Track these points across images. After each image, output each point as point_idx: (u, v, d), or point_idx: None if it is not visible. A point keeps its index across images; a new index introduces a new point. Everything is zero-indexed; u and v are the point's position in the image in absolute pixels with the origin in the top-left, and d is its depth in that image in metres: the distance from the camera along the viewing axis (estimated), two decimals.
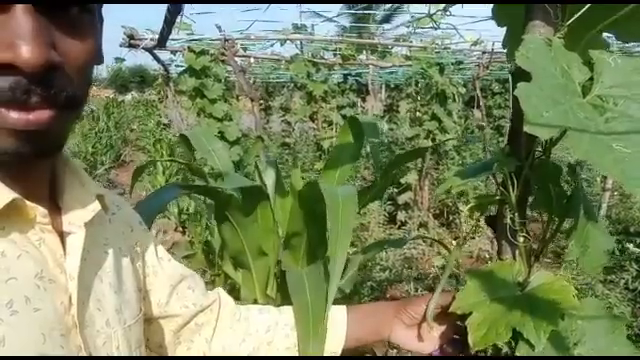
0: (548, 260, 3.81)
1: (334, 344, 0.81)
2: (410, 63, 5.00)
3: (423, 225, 4.62)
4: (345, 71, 6.08)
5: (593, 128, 0.46)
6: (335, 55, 5.17)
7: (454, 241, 4.17)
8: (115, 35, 3.75)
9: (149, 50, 4.01)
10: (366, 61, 5.48)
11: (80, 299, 0.52)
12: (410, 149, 4.80)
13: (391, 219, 4.88)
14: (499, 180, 0.65)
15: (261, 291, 1.38)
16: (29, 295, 0.47)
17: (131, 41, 3.74)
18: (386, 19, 14.80)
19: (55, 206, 0.55)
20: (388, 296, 3.42)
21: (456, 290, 0.66)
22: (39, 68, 0.42)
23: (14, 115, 0.43)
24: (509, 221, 0.62)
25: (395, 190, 4.86)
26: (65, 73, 0.46)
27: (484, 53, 4.82)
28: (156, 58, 4.80)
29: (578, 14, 0.62)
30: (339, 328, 0.82)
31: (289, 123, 7.83)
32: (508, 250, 0.66)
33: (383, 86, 8.94)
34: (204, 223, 3.10)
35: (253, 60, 5.37)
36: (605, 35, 0.72)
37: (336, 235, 0.90)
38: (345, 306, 0.84)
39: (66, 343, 0.49)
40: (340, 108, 5.63)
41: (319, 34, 4.69)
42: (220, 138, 3.37)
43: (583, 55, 0.59)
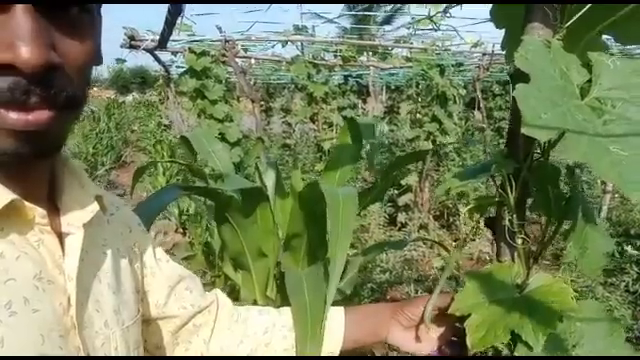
0: (548, 262, 3.81)
1: (332, 346, 0.81)
2: (411, 65, 5.01)
3: (423, 227, 4.62)
4: (346, 72, 6.09)
5: (591, 130, 0.46)
6: (336, 56, 5.17)
7: (454, 243, 4.16)
8: (116, 36, 3.76)
9: (150, 51, 4.01)
10: (367, 62, 5.50)
11: (79, 300, 0.52)
12: (411, 150, 4.81)
13: (391, 221, 4.87)
14: (498, 182, 0.65)
15: (261, 292, 1.38)
16: (28, 296, 0.47)
17: (132, 42, 3.75)
18: (387, 20, 14.81)
19: (54, 207, 0.55)
20: (388, 298, 3.42)
21: (455, 292, 0.66)
22: (39, 68, 0.42)
23: (13, 115, 0.43)
24: (507, 223, 0.62)
25: (395, 192, 4.85)
26: (65, 73, 0.46)
27: (484, 55, 4.83)
28: (157, 59, 4.80)
29: (577, 16, 0.62)
30: (337, 330, 0.82)
31: (290, 124, 7.83)
32: (507, 252, 0.66)
33: (384, 87, 8.95)
34: (204, 224, 3.10)
35: (254, 61, 5.38)
36: (605, 37, 0.72)
37: (336, 236, 0.90)
38: (343, 308, 0.84)
39: (65, 344, 0.49)
40: (341, 109, 5.64)
41: (320, 35, 4.69)
42: (221, 139, 3.37)
43: (582, 57, 0.58)
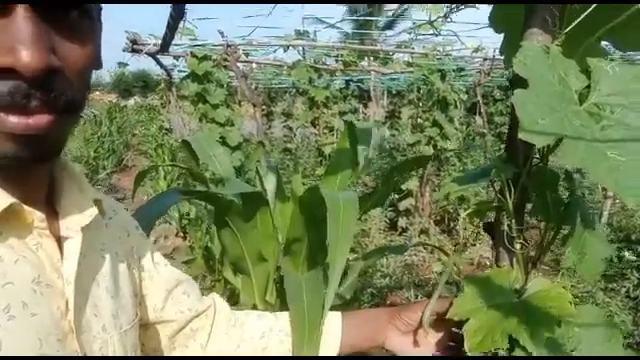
0: (548, 268, 3.80)
1: (329, 350, 0.81)
2: (412, 69, 5.02)
3: (424, 231, 4.61)
4: (347, 77, 6.10)
5: (589, 136, 0.46)
6: (337, 61, 5.19)
7: (454, 248, 4.16)
8: (118, 40, 3.78)
9: (152, 55, 4.03)
10: (368, 67, 5.51)
11: (77, 304, 0.52)
12: (412, 155, 4.80)
13: (392, 225, 4.87)
14: (497, 187, 0.65)
15: (260, 297, 1.38)
16: (26, 300, 0.47)
17: (134, 46, 3.77)
18: (388, 26, 14.84)
19: (52, 210, 0.55)
20: (388, 303, 3.41)
21: (455, 297, 0.65)
22: (39, 72, 0.42)
23: (13, 119, 0.43)
24: (506, 228, 0.62)
25: (396, 196, 4.85)
26: (65, 77, 0.46)
27: (485, 60, 4.84)
28: (159, 63, 4.82)
29: (576, 22, 0.62)
30: (334, 334, 0.81)
31: (291, 129, 7.84)
32: (506, 257, 0.66)
33: (385, 92, 8.95)
34: (204, 228, 3.10)
35: (255, 66, 5.39)
36: (605, 43, 0.72)
37: (336, 241, 0.90)
38: (340, 312, 0.84)
39: (62, 348, 0.49)
40: (342, 114, 5.65)
41: (321, 40, 4.71)
42: (222, 143, 3.38)
43: (581, 63, 0.58)
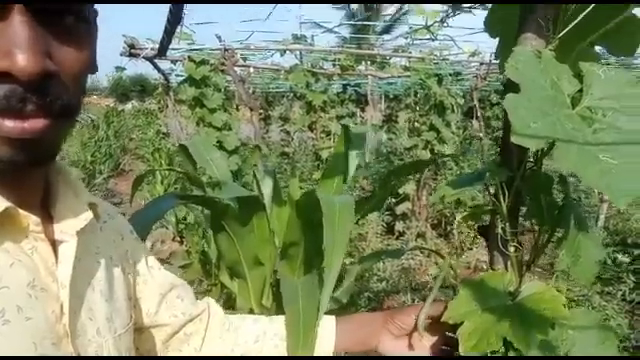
0: (543, 271, 3.80)
1: (323, 354, 0.81)
2: (409, 74, 5.04)
3: (421, 235, 4.62)
4: (344, 81, 6.12)
5: (581, 139, 0.47)
6: (334, 65, 5.20)
7: (450, 251, 4.16)
8: (116, 44, 3.78)
9: (149, 59, 4.04)
10: (365, 72, 5.53)
11: (72, 308, 0.52)
12: (409, 159, 4.82)
13: (389, 229, 4.87)
14: (492, 190, 0.66)
15: (257, 301, 1.38)
16: (21, 304, 0.47)
17: (132, 50, 3.77)
18: (386, 30, 14.90)
19: (47, 214, 0.55)
20: (385, 307, 3.40)
21: (450, 299, 0.66)
22: (35, 76, 0.42)
23: (9, 123, 0.43)
24: (500, 231, 0.63)
25: (393, 200, 4.86)
26: (60, 81, 0.46)
27: (482, 64, 4.87)
28: (156, 67, 4.83)
29: (569, 27, 0.63)
30: (328, 338, 0.81)
31: (288, 133, 7.84)
32: (500, 260, 0.66)
33: (382, 96, 8.98)
34: (201, 233, 3.10)
35: (253, 70, 5.40)
36: (599, 49, 0.72)
37: (332, 244, 0.90)
38: (334, 317, 0.84)
39: (57, 352, 0.49)
40: (339, 118, 5.66)
41: (319, 45, 4.72)
42: (219, 147, 3.38)
43: (574, 67, 0.59)
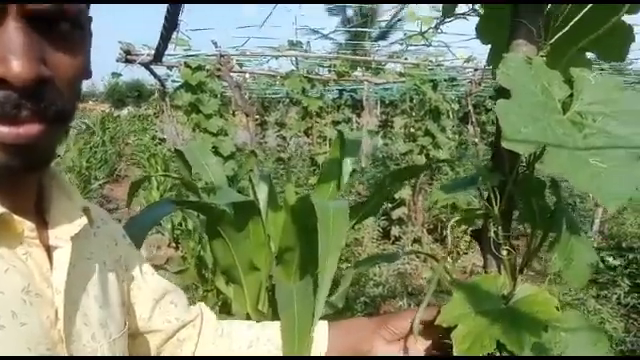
0: (538, 275, 3.81)
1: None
2: (404, 79, 5.06)
3: (417, 240, 4.63)
4: (340, 87, 6.14)
5: (571, 144, 0.47)
6: (330, 71, 5.22)
7: (448, 256, 4.16)
8: (112, 50, 3.79)
9: (146, 65, 4.04)
10: (361, 77, 5.55)
11: (67, 313, 0.52)
12: (405, 164, 4.83)
13: (385, 234, 4.87)
14: (485, 195, 0.66)
15: (252, 306, 1.37)
16: (16, 310, 0.47)
17: (128, 56, 3.78)
18: (382, 36, 14.98)
19: (42, 220, 0.55)
20: (382, 312, 3.40)
21: (444, 303, 0.66)
22: (29, 82, 0.43)
23: (4, 129, 0.43)
24: (493, 235, 0.63)
25: (389, 205, 4.86)
26: (55, 87, 0.46)
27: (476, 70, 4.89)
28: (152, 73, 4.83)
29: (560, 33, 0.63)
30: (321, 343, 0.81)
31: (284, 138, 7.86)
32: (493, 263, 0.67)
33: (378, 102, 9.01)
34: (197, 238, 3.09)
35: (249, 76, 5.41)
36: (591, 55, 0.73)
37: (326, 249, 0.90)
38: (327, 322, 0.84)
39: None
40: (336, 123, 5.68)
41: (315, 51, 4.73)
42: (214, 153, 3.38)
43: (565, 73, 0.60)
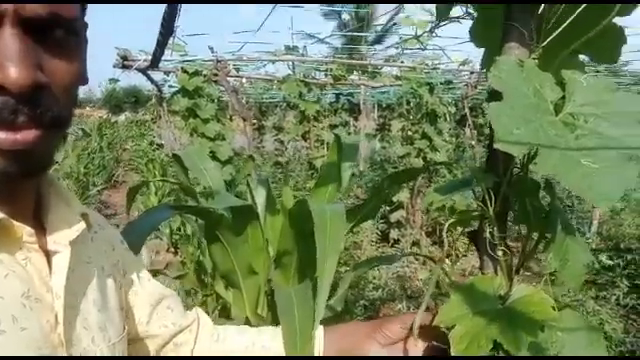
0: (535, 275, 3.82)
1: None
2: (400, 83, 5.08)
3: (416, 243, 4.63)
4: (337, 91, 6.15)
5: (563, 145, 0.48)
6: (327, 75, 5.23)
7: (447, 259, 4.17)
8: (109, 56, 3.80)
9: (142, 71, 4.04)
10: (357, 81, 5.56)
11: (67, 318, 0.52)
12: (402, 167, 4.84)
13: (384, 237, 4.88)
14: (480, 196, 0.67)
15: (251, 310, 1.37)
16: (16, 315, 0.47)
17: (125, 62, 3.78)
18: (378, 40, 15.02)
19: (40, 225, 0.55)
20: (381, 315, 3.40)
21: (441, 304, 0.66)
22: (26, 88, 0.43)
23: (1, 135, 0.44)
24: (488, 236, 0.63)
25: (387, 208, 4.87)
26: (51, 93, 0.47)
27: (472, 73, 4.91)
28: (149, 79, 4.83)
29: (552, 36, 0.64)
30: (317, 346, 0.81)
31: (282, 142, 7.87)
32: (490, 264, 0.67)
33: (375, 105, 9.03)
34: (196, 243, 3.09)
35: (245, 80, 5.42)
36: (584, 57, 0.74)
37: (324, 253, 0.90)
38: (322, 326, 0.84)
39: None
40: (333, 127, 5.70)
41: (311, 55, 4.75)
42: (212, 158, 3.38)
43: (558, 75, 0.60)
